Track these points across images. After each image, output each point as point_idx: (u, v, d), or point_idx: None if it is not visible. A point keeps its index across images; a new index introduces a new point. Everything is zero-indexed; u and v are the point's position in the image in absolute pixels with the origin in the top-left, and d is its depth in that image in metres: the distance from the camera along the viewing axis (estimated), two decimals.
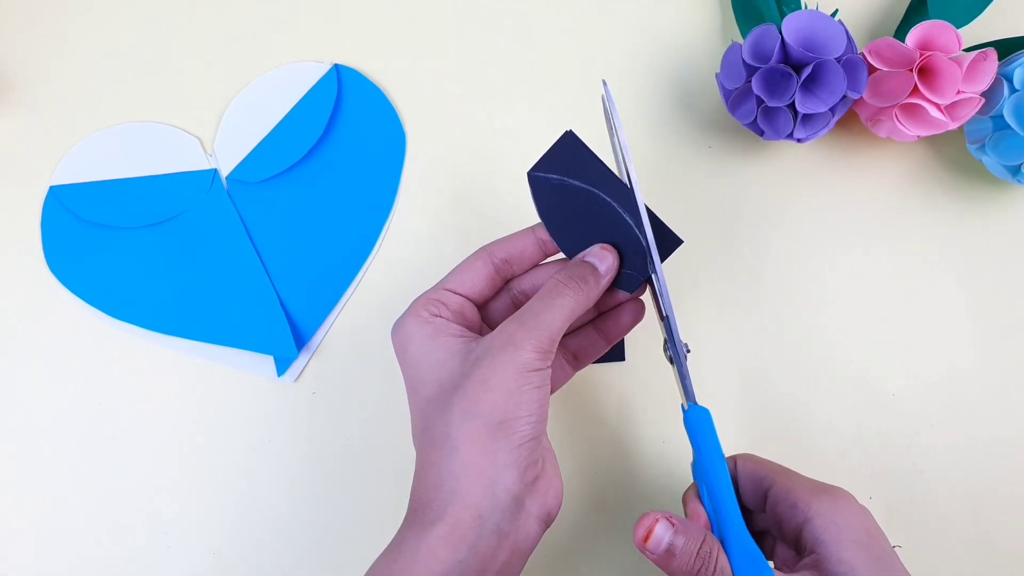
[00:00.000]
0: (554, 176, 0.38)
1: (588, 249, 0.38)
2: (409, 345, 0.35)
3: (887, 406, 0.45)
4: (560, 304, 0.35)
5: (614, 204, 0.38)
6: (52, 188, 0.49)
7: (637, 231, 0.37)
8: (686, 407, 0.36)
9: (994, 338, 0.46)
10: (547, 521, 0.34)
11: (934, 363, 0.45)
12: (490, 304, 0.39)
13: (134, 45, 0.51)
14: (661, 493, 0.44)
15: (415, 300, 0.37)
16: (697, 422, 0.35)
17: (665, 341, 0.37)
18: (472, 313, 0.38)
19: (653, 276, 0.37)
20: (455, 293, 0.37)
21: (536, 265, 0.39)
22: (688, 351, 0.37)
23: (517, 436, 0.32)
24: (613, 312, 0.40)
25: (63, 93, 0.51)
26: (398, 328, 0.36)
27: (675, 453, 0.44)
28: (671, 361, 0.37)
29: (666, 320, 0.37)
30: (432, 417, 0.34)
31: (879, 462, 0.44)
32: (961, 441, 0.44)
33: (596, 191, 0.38)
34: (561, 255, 0.39)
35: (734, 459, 0.37)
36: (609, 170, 0.38)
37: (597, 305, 0.39)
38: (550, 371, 0.34)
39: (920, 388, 0.45)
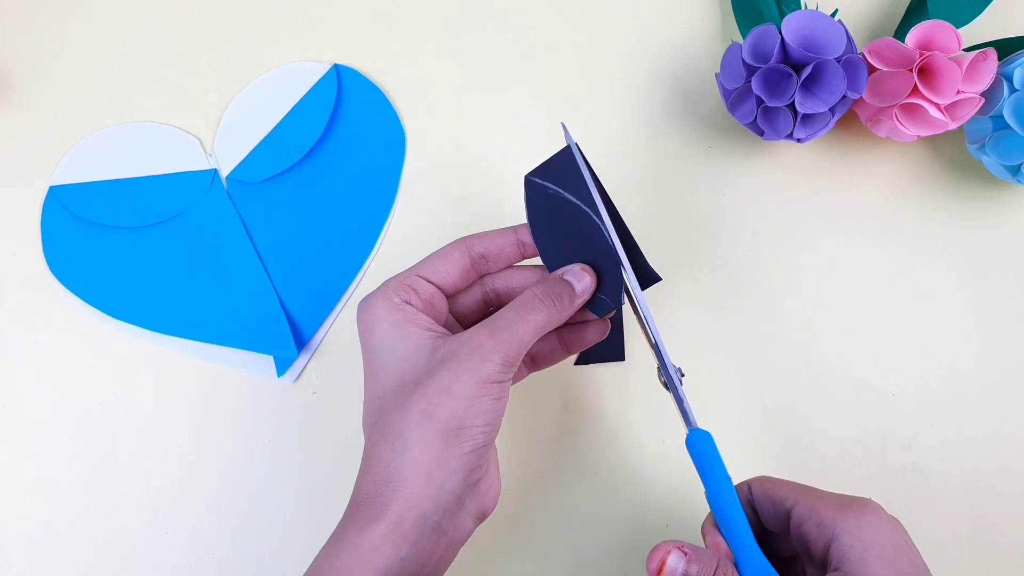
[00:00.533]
0: (551, 185, 0.38)
1: (568, 267, 0.38)
2: (375, 329, 0.35)
3: (887, 406, 0.45)
4: (533, 319, 0.35)
5: (602, 227, 0.38)
6: (52, 188, 0.49)
7: (619, 260, 0.38)
8: (687, 432, 0.36)
9: (994, 338, 0.46)
10: (482, 518, 0.36)
11: (934, 363, 0.45)
12: (460, 296, 0.39)
13: (134, 45, 0.51)
14: (660, 493, 0.44)
15: (387, 281, 0.37)
16: (699, 446, 0.35)
17: (659, 368, 0.37)
18: (441, 304, 0.38)
19: (638, 306, 0.37)
20: (428, 281, 0.37)
21: (511, 265, 0.40)
22: (683, 375, 0.36)
23: (469, 443, 0.33)
24: (579, 326, 0.40)
25: (63, 93, 0.51)
26: (366, 308, 0.36)
27: (674, 453, 0.44)
28: (666, 387, 0.37)
29: (655, 348, 0.37)
30: (387, 409, 0.34)
31: (879, 462, 0.44)
32: (961, 441, 0.44)
33: (587, 210, 0.38)
34: (538, 259, 0.39)
35: (748, 483, 0.36)
36: (604, 192, 0.38)
37: None
38: (511, 383, 0.35)
39: (920, 388, 0.45)
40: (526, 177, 0.39)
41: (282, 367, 0.46)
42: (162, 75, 0.51)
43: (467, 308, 0.39)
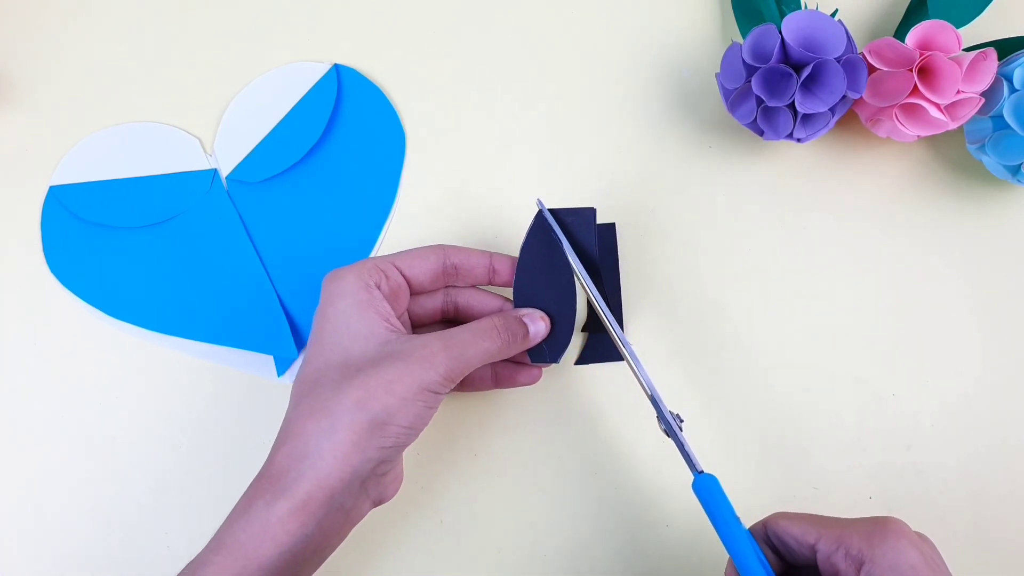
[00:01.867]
0: (556, 229, 0.41)
1: (531, 310, 0.40)
2: (339, 301, 0.37)
3: (887, 406, 0.45)
4: (485, 347, 0.37)
5: (585, 291, 0.40)
6: (52, 188, 0.49)
7: (574, 318, 0.40)
8: (692, 478, 0.36)
9: (994, 338, 0.46)
10: (378, 503, 0.38)
11: (934, 363, 0.45)
12: (422, 298, 0.41)
13: (134, 45, 0.51)
14: (660, 493, 0.44)
15: (363, 261, 0.38)
16: (706, 491, 0.36)
17: (658, 416, 0.38)
18: (404, 297, 0.39)
19: (630, 361, 0.39)
20: (401, 273, 0.39)
21: (476, 287, 0.42)
22: (681, 421, 0.37)
23: (391, 440, 0.35)
24: (514, 365, 0.42)
25: (63, 93, 0.51)
26: (337, 280, 0.37)
27: (674, 453, 0.44)
28: (667, 434, 0.37)
29: (651, 399, 0.38)
30: (324, 384, 0.35)
31: (879, 462, 0.44)
32: (961, 441, 0.44)
33: (575, 269, 0.40)
34: (499, 289, 0.41)
35: (763, 523, 0.36)
36: (595, 262, 0.41)
37: None
38: (443, 396, 0.36)
39: (920, 388, 0.45)
40: (540, 210, 0.41)
41: (282, 367, 0.46)
42: (162, 75, 0.51)
43: (424, 311, 0.42)
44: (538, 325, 0.40)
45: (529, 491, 0.44)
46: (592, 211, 0.41)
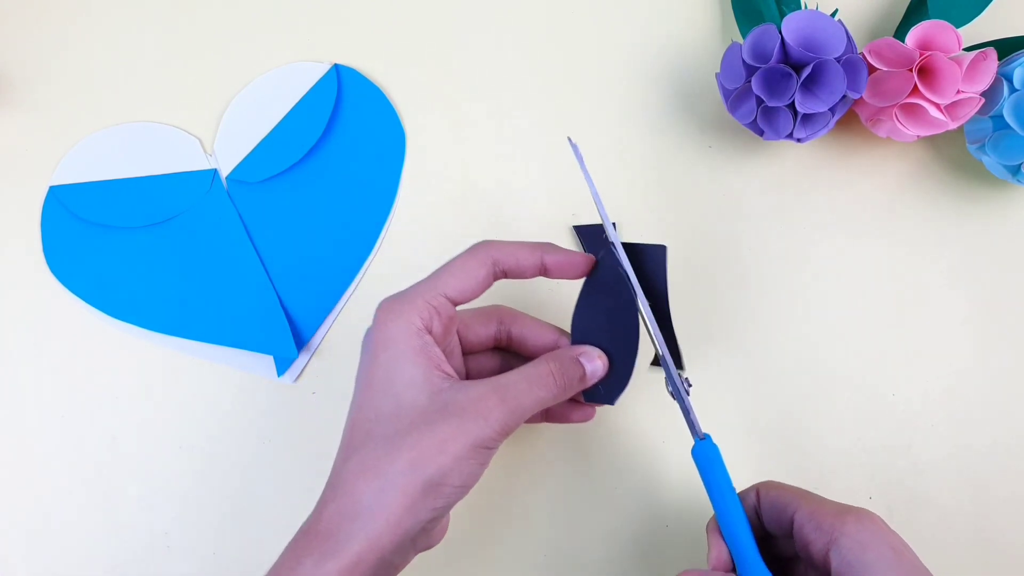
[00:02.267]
0: (624, 266, 0.38)
1: (588, 349, 0.38)
2: (389, 346, 0.35)
3: (887, 407, 0.45)
4: (541, 396, 0.36)
5: (644, 326, 0.38)
6: (52, 188, 0.49)
7: (635, 359, 0.38)
8: (693, 443, 0.36)
9: (994, 338, 0.46)
10: (423, 551, 0.37)
11: (934, 363, 0.45)
12: (474, 326, 0.40)
13: (134, 45, 0.51)
14: (660, 493, 0.44)
15: (414, 294, 0.36)
16: (705, 457, 0.36)
17: (666, 379, 0.37)
18: (454, 327, 0.38)
19: (645, 320, 0.37)
20: (452, 303, 0.36)
21: (531, 317, 0.40)
22: (689, 386, 0.37)
23: (443, 500, 0.34)
24: (567, 403, 0.40)
25: (63, 93, 0.51)
26: (386, 324, 0.35)
27: (674, 453, 0.44)
28: (673, 397, 0.37)
29: (662, 360, 0.37)
30: (376, 439, 0.34)
31: (879, 462, 0.44)
32: (961, 441, 0.44)
33: (639, 307, 0.38)
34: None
35: (756, 488, 0.36)
36: (663, 302, 0.38)
37: None
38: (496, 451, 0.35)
39: (920, 388, 0.45)
40: (611, 243, 0.38)
41: (282, 367, 0.46)
42: (162, 75, 0.51)
43: (478, 339, 0.40)
44: (595, 364, 0.38)
45: (529, 491, 0.44)
46: (663, 248, 0.38)
